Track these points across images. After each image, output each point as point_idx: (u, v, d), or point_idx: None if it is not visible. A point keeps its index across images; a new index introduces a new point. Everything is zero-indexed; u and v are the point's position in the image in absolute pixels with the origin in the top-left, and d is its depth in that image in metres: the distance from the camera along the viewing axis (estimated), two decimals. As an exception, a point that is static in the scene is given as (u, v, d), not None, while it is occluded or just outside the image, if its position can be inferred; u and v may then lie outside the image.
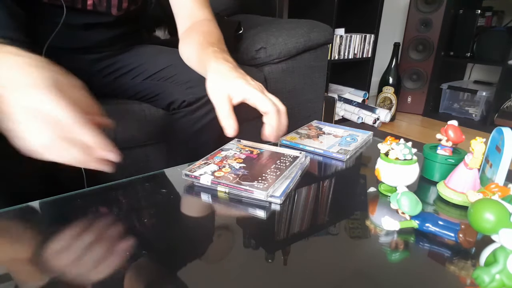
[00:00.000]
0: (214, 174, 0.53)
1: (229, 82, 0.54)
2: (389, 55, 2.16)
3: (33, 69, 0.38)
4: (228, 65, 0.58)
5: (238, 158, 0.58)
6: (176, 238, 0.43)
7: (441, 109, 2.34)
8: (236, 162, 0.57)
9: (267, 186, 0.49)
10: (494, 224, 0.32)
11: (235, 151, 0.61)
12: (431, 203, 0.52)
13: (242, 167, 0.55)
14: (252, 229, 0.45)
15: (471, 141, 0.48)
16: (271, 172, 0.53)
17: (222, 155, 0.59)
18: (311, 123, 0.81)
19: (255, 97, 0.53)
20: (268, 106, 0.53)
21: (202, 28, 0.72)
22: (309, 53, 1.20)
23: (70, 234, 0.43)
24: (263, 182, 0.50)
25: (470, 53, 2.13)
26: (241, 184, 0.50)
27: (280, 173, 0.53)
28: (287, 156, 0.59)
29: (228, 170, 0.54)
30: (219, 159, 0.58)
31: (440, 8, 2.11)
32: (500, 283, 0.32)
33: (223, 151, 0.61)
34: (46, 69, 0.39)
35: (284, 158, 0.58)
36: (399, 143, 0.51)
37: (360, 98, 2.21)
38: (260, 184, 0.49)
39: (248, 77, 0.56)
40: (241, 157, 0.58)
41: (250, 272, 0.37)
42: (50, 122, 0.38)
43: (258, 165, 0.56)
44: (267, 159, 0.58)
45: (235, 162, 0.56)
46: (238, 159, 0.57)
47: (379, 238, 0.42)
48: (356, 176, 0.61)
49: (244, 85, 0.53)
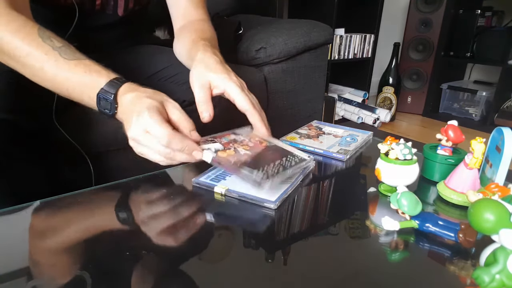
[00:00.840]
0: (217, 152, 0.52)
1: (212, 73, 0.56)
2: (389, 55, 2.16)
3: (142, 99, 0.49)
4: (215, 58, 0.59)
5: (245, 145, 0.56)
6: (175, 238, 0.43)
7: (441, 109, 2.34)
8: (242, 148, 0.55)
9: (266, 176, 0.48)
10: (494, 224, 0.32)
11: (245, 138, 0.59)
12: (431, 203, 0.52)
13: (247, 154, 0.53)
14: (252, 229, 0.45)
15: (471, 141, 0.48)
16: (274, 167, 0.51)
17: (231, 138, 0.57)
18: (311, 123, 0.81)
19: (234, 92, 0.55)
20: (244, 103, 0.55)
21: (196, 27, 0.72)
22: (309, 53, 1.20)
23: (69, 234, 0.43)
24: (263, 173, 0.48)
25: (470, 53, 2.13)
26: (239, 169, 0.49)
27: (283, 170, 0.51)
28: (295, 156, 0.57)
29: (232, 153, 0.52)
30: (226, 141, 0.56)
31: (440, 8, 2.11)
32: (500, 283, 0.32)
33: (233, 135, 0.59)
34: (151, 98, 0.49)
35: (292, 157, 0.56)
36: (399, 143, 0.51)
37: (360, 98, 2.21)
38: (260, 174, 0.48)
39: (232, 73, 0.58)
40: (249, 145, 0.56)
41: (250, 272, 0.37)
42: (152, 137, 0.48)
43: (263, 155, 0.54)
44: (274, 153, 0.56)
45: (241, 147, 0.55)
46: (245, 146, 0.56)
47: (379, 238, 0.42)
48: (356, 176, 0.61)
49: (226, 78, 0.56)
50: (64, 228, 0.44)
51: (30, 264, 0.38)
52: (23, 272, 0.37)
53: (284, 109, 1.19)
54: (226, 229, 0.45)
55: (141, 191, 0.54)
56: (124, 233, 0.44)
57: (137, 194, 0.53)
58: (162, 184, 0.55)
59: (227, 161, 0.50)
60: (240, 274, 0.37)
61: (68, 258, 0.38)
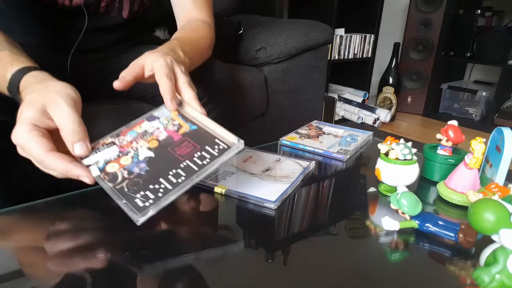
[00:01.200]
0: (106, 166, 0.42)
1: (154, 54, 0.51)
2: (389, 55, 2.16)
3: (23, 106, 0.41)
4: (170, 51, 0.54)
5: (155, 138, 0.46)
6: (175, 238, 0.43)
7: (441, 109, 2.34)
8: (147, 146, 0.45)
9: (144, 206, 0.38)
10: (494, 224, 0.32)
11: (162, 123, 0.48)
12: (431, 203, 0.52)
13: (145, 160, 0.43)
14: (252, 229, 0.45)
15: (471, 141, 0.48)
16: (173, 176, 0.41)
17: (141, 129, 0.47)
18: (311, 123, 0.81)
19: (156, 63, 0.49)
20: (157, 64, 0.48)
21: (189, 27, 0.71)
22: (309, 53, 1.20)
23: (69, 234, 0.43)
24: (144, 199, 0.38)
25: (470, 53, 2.13)
26: (120, 195, 0.39)
27: (185, 178, 0.41)
28: (219, 144, 0.44)
29: (127, 163, 0.43)
30: (131, 137, 0.46)
31: (440, 8, 2.11)
32: (500, 283, 0.32)
33: (146, 123, 0.48)
34: (30, 104, 0.41)
35: (215, 145, 0.44)
36: (399, 143, 0.51)
37: (360, 98, 2.21)
38: (141, 201, 0.38)
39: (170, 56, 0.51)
40: (159, 138, 0.46)
41: (250, 272, 0.37)
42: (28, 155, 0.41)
43: (168, 157, 0.43)
44: (187, 147, 0.44)
45: (145, 147, 0.45)
46: (152, 141, 0.45)
47: (379, 238, 0.42)
48: (356, 176, 0.61)
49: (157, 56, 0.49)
50: (64, 228, 0.44)
51: (30, 264, 0.38)
52: (23, 272, 0.37)
53: (284, 109, 1.19)
54: (226, 229, 0.45)
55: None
56: (125, 233, 0.44)
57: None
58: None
59: (113, 179, 0.41)
60: (240, 274, 0.37)
61: (68, 258, 0.38)
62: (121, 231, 0.44)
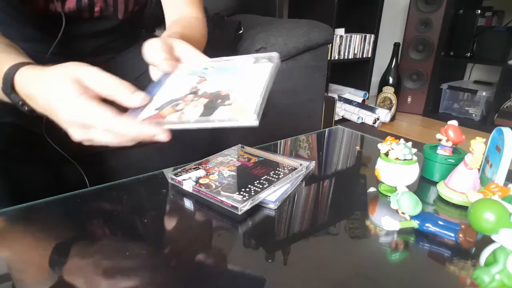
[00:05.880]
0: (199, 180, 0.52)
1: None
2: (389, 55, 2.16)
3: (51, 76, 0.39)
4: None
5: (232, 166, 0.57)
6: (174, 238, 0.43)
7: (441, 109, 2.34)
8: (228, 169, 0.55)
9: (245, 199, 0.46)
10: (494, 224, 0.32)
11: (233, 158, 0.60)
12: (431, 203, 0.52)
13: (230, 175, 0.53)
14: (252, 229, 0.45)
15: (471, 141, 0.48)
16: (258, 184, 0.50)
17: (217, 161, 0.58)
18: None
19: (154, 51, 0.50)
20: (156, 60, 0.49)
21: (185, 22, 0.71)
22: (309, 53, 1.20)
23: (69, 234, 0.43)
24: (243, 194, 0.48)
25: (470, 53, 2.13)
26: (219, 194, 0.48)
27: (268, 185, 0.50)
28: (285, 167, 0.56)
29: (215, 178, 0.53)
30: (212, 165, 0.57)
31: (440, 8, 2.11)
32: (500, 283, 0.32)
33: (221, 157, 0.60)
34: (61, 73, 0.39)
35: (280, 169, 0.55)
36: (399, 143, 0.51)
37: (360, 98, 2.21)
38: (240, 196, 0.47)
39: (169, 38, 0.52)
40: (235, 165, 0.57)
41: (250, 272, 0.37)
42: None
43: (248, 174, 0.54)
44: (261, 169, 0.55)
45: (226, 169, 0.55)
46: (231, 167, 0.56)
47: (379, 238, 0.42)
48: (356, 176, 0.61)
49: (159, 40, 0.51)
50: (64, 228, 0.44)
51: (30, 264, 0.38)
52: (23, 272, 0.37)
53: (284, 109, 1.19)
54: (226, 229, 0.45)
55: (140, 191, 0.54)
56: (124, 233, 0.44)
57: (137, 194, 0.53)
58: (161, 185, 0.55)
59: (208, 187, 0.50)
60: (240, 274, 0.37)
61: (68, 258, 0.38)
62: (121, 231, 0.44)
